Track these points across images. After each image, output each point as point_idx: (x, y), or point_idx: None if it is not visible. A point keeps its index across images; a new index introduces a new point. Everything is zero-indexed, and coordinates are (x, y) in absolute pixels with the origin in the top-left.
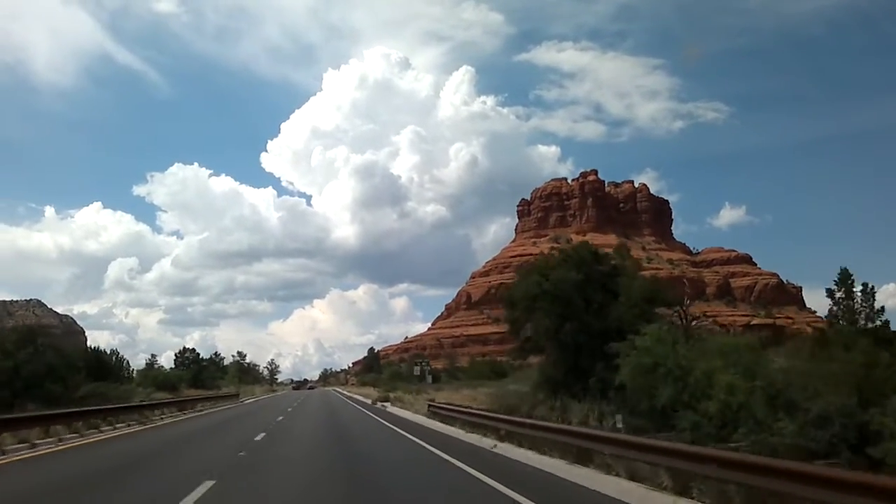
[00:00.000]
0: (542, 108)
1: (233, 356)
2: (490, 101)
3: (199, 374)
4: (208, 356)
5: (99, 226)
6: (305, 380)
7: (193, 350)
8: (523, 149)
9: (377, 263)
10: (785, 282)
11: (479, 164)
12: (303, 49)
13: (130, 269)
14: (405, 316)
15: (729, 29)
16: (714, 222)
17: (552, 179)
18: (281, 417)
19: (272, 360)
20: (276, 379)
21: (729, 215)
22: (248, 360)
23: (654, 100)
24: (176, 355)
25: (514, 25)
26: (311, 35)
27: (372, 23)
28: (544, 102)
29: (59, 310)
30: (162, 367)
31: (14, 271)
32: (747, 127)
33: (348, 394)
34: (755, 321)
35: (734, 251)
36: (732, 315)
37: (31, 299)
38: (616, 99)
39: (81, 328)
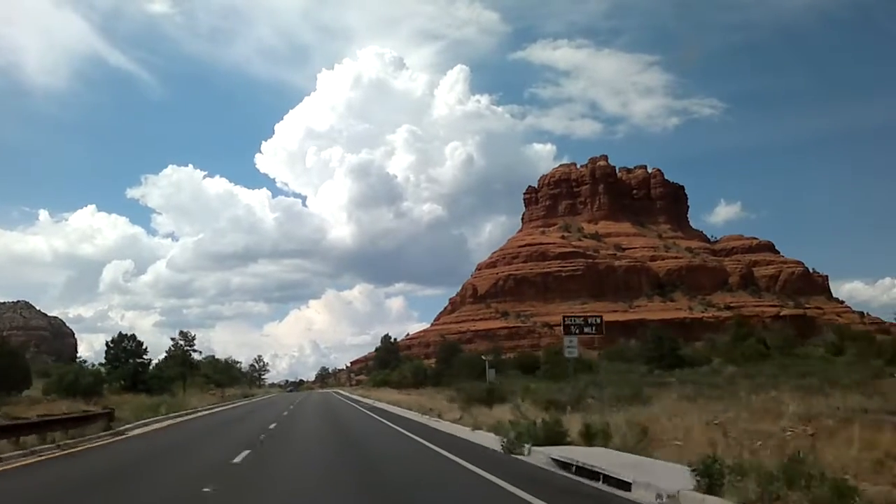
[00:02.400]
0: (537, 107)
1: (172, 339)
2: (485, 99)
3: (138, 372)
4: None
5: (94, 229)
6: (301, 380)
7: (133, 338)
8: (519, 147)
9: (373, 263)
10: (811, 271)
11: (475, 164)
12: (296, 49)
13: (126, 271)
14: (401, 316)
15: (724, 25)
16: (710, 219)
17: (560, 165)
18: None
19: (259, 356)
20: (264, 380)
21: (724, 212)
22: (215, 353)
23: (650, 97)
24: (108, 346)
25: (509, 23)
26: (304, 35)
27: (365, 22)
28: (539, 100)
29: (55, 312)
30: (83, 362)
31: (9, 275)
32: (743, 123)
33: (369, 402)
34: (784, 312)
35: (755, 238)
36: (759, 305)
37: (18, 301)
38: (611, 96)
39: (71, 330)
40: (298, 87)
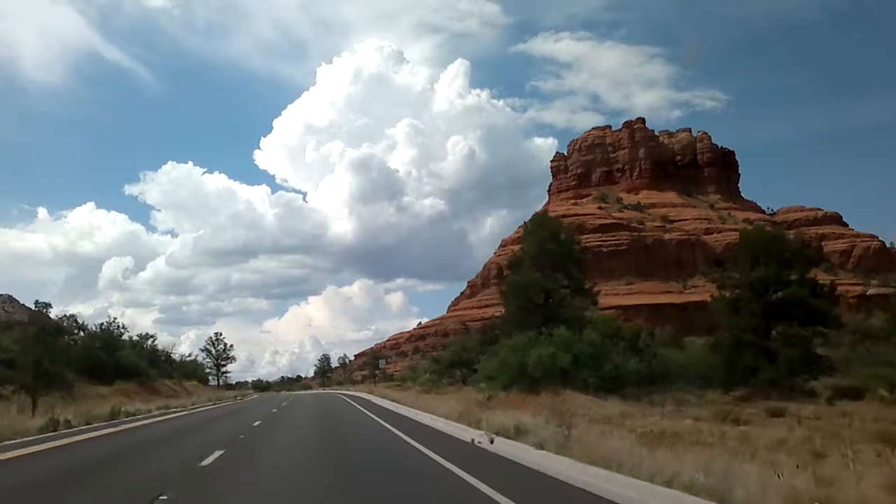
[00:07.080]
0: (538, 100)
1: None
2: (485, 93)
3: None
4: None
5: (93, 226)
6: (299, 377)
7: None
8: (520, 141)
9: (373, 259)
10: (889, 245)
11: (477, 158)
12: (294, 44)
13: (125, 268)
14: (401, 311)
15: (726, 18)
16: None
17: (593, 128)
18: None
19: (217, 335)
20: (225, 375)
21: None
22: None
23: (652, 89)
24: None
25: (510, 16)
26: (302, 29)
27: (364, 15)
28: (541, 94)
29: (55, 310)
30: None
31: (9, 273)
32: (745, 116)
33: None
34: (870, 291)
35: (820, 209)
36: (841, 284)
37: (2, 295)
38: (613, 89)
39: None
40: (297, 81)
